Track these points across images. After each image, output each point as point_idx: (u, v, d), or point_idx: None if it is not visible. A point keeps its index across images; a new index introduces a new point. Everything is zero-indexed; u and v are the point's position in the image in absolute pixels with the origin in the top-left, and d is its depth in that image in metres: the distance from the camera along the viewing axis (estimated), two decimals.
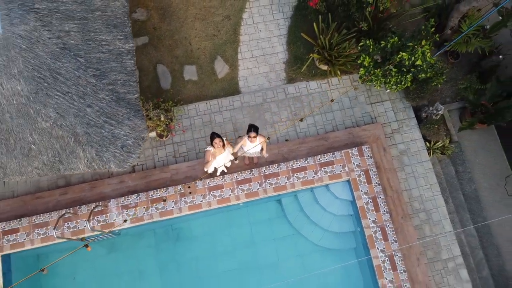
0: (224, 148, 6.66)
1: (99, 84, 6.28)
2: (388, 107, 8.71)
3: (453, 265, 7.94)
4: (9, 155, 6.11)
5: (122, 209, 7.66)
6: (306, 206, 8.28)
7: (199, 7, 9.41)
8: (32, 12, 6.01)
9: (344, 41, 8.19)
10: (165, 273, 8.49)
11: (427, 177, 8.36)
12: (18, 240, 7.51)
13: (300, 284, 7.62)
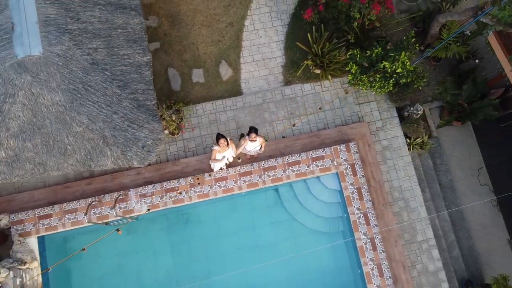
0: (228, 146, 7.88)
1: (123, 93, 7.46)
2: (374, 107, 9.88)
3: (426, 246, 9.26)
4: (48, 154, 7.35)
5: (140, 198, 8.95)
6: (300, 194, 9.55)
7: (205, 15, 10.48)
8: (66, 33, 7.15)
9: (334, 49, 9.31)
10: (176, 252, 9.81)
11: (407, 170, 9.60)
12: (52, 224, 8.82)
13: (294, 262, 8.96)
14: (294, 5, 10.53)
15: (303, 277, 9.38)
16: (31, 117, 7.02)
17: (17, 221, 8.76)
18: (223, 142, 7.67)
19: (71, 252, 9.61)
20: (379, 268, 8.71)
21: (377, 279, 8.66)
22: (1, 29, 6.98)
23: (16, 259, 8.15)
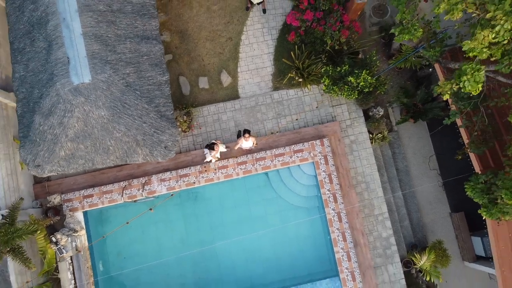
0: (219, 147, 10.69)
1: (149, 107, 10.11)
2: (344, 109, 12.56)
3: (381, 218, 12.19)
4: (95, 153, 10.08)
5: (161, 182, 11.78)
6: (285, 178, 12.40)
7: (209, 31, 12.95)
8: (107, 63, 9.72)
9: (312, 64, 11.88)
10: (187, 222, 12.74)
11: (368, 159, 12.39)
12: (93, 202, 11.69)
13: (279, 230, 11.93)
14: (282, 22, 12.97)
15: (286, 241, 12.38)
16: (83, 126, 9.71)
17: (67, 199, 11.63)
18: (215, 147, 10.51)
19: (106, 222, 12.65)
20: (343, 235, 11.67)
21: (342, 243, 11.64)
22: (60, 62, 9.54)
23: (70, 228, 11.07)
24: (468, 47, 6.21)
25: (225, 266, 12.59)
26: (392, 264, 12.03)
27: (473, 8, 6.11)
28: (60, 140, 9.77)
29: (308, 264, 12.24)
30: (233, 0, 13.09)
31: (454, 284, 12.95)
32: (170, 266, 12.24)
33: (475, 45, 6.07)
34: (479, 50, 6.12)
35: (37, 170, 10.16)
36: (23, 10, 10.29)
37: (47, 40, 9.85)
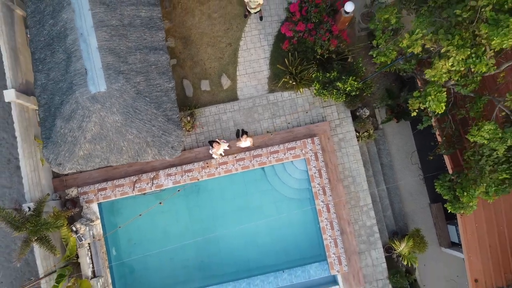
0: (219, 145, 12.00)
1: (158, 112, 11.41)
2: (334, 110, 13.86)
3: (366, 209, 13.62)
4: (110, 153, 11.42)
5: (167, 176, 13.16)
6: (279, 173, 13.78)
7: (210, 37, 14.14)
8: (120, 74, 10.98)
9: (304, 70, 13.13)
10: (191, 212, 14.16)
11: (355, 155, 13.74)
12: (107, 195, 13.09)
13: (274, 220, 13.36)
14: (277, 28, 14.15)
15: (280, 229, 13.83)
16: (99, 130, 11.03)
17: (83, 192, 13.03)
18: (216, 145, 11.85)
19: (117, 212, 14.06)
20: (331, 224, 13.12)
21: (330, 231, 13.10)
22: (79, 73, 10.80)
23: (87, 218, 12.50)
24: (429, 75, 7.49)
25: (225, 251, 14.06)
26: (375, 250, 13.51)
27: (430, 44, 7.36)
28: (79, 142, 11.10)
29: (299, 249, 13.74)
30: (232, 8, 14.24)
31: (432, 267, 14.44)
32: (175, 251, 13.66)
33: (435, 73, 7.33)
34: (439, 76, 7.39)
35: (58, 168, 11.52)
36: (43, 24, 11.50)
37: (66, 52, 11.09)
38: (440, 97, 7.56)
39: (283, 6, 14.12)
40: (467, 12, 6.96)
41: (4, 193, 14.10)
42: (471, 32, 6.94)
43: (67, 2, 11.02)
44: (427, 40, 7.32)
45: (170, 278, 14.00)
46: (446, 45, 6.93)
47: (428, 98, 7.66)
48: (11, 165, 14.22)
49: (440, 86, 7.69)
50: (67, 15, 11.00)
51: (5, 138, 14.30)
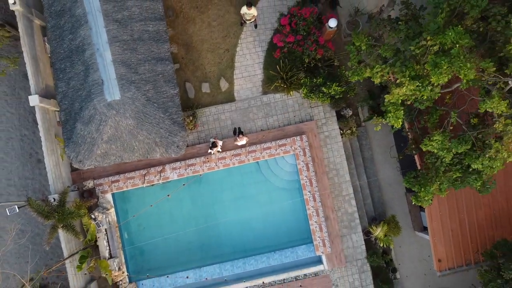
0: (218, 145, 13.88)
1: (165, 116, 13.23)
2: (320, 110, 15.68)
3: (348, 198, 15.60)
4: (123, 151, 13.29)
5: (173, 170, 15.08)
6: (272, 166, 15.72)
7: (210, 43, 15.83)
8: (132, 83, 12.75)
9: (294, 75, 14.89)
10: (194, 200, 16.13)
11: (339, 150, 15.64)
12: (120, 186, 15.03)
13: (267, 207, 15.38)
14: (271, 35, 15.83)
15: (272, 215, 15.84)
16: (114, 132, 12.87)
17: (98, 184, 14.97)
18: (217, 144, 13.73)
19: (127, 201, 16.01)
20: (317, 211, 15.12)
21: (315, 217, 15.11)
22: (96, 83, 12.58)
23: (103, 207, 14.48)
24: (388, 99, 9.32)
25: (224, 234, 16.10)
26: (355, 234, 15.57)
27: (387, 76, 9.15)
28: (97, 142, 12.96)
29: (289, 233, 15.80)
30: (230, 17, 15.88)
31: (407, 248, 16.50)
32: (180, 234, 15.69)
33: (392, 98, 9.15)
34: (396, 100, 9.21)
35: (79, 164, 13.42)
36: (63, 38, 13.21)
37: (84, 64, 12.84)
38: (398, 114, 9.39)
39: (275, 15, 15.76)
40: (419, 49, 8.72)
41: (27, 184, 16.04)
42: (422, 65, 8.71)
43: (85, 20, 12.71)
44: (385, 73, 9.10)
45: (175, 258, 16.07)
46: (400, 77, 8.71)
47: (389, 115, 9.50)
48: (32, 159, 16.12)
49: (399, 105, 9.53)
50: (85, 32, 12.71)
51: (27, 135, 16.15)
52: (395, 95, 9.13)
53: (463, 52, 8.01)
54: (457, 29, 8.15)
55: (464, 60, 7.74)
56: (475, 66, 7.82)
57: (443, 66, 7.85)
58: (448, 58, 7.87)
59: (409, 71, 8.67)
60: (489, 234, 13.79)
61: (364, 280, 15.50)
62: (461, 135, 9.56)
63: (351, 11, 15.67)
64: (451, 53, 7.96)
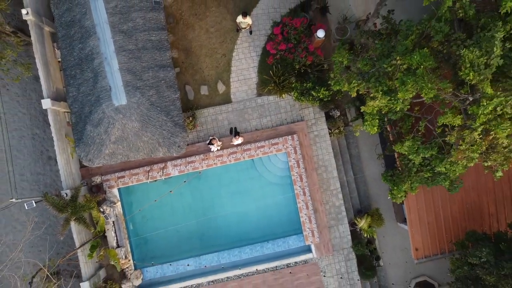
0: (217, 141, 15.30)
1: (167, 119, 14.61)
2: (310, 111, 17.08)
3: (335, 192, 17.10)
4: (129, 151, 14.71)
5: (174, 166, 16.52)
6: (265, 163, 17.18)
7: (208, 48, 17.14)
8: (137, 89, 14.10)
9: (285, 79, 16.25)
10: (193, 194, 17.62)
11: (327, 148, 17.08)
12: (125, 181, 16.48)
13: (261, 200, 16.89)
14: (265, 41, 17.15)
15: (266, 208, 17.35)
16: (121, 133, 14.27)
17: (106, 179, 16.41)
18: (214, 141, 15.13)
19: (131, 194, 17.46)
20: (306, 204, 16.62)
21: (305, 210, 16.62)
22: (104, 89, 13.93)
23: (110, 201, 15.95)
24: (363, 109, 10.72)
25: (222, 225, 17.62)
26: (342, 225, 17.11)
27: (363, 90, 10.54)
28: (105, 143, 14.37)
29: (281, 224, 17.35)
30: (227, 24, 17.17)
31: (390, 238, 18.06)
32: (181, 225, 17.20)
33: (367, 109, 10.57)
34: (371, 111, 10.62)
35: (89, 162, 14.85)
36: (73, 47, 14.51)
37: (93, 72, 14.18)
38: (373, 122, 10.81)
39: (269, 22, 17.06)
40: (391, 67, 10.08)
41: (39, 179, 17.48)
42: (394, 81, 10.09)
43: (93, 31, 14.01)
44: (361, 87, 10.48)
45: (176, 247, 17.61)
46: (374, 92, 10.09)
47: (365, 123, 10.91)
48: (43, 156, 17.54)
49: (375, 115, 10.94)
50: (93, 42, 14.02)
51: (38, 134, 17.54)
52: (369, 107, 10.54)
53: (427, 73, 9.37)
54: (423, 51, 9.52)
55: (426, 80, 9.10)
56: (435, 86, 9.19)
57: (409, 84, 9.22)
58: (413, 77, 9.24)
59: (382, 87, 10.06)
60: (462, 226, 15.32)
61: (350, 267, 17.09)
62: (429, 141, 10.98)
63: (339, 19, 16.97)
64: (416, 73, 9.34)
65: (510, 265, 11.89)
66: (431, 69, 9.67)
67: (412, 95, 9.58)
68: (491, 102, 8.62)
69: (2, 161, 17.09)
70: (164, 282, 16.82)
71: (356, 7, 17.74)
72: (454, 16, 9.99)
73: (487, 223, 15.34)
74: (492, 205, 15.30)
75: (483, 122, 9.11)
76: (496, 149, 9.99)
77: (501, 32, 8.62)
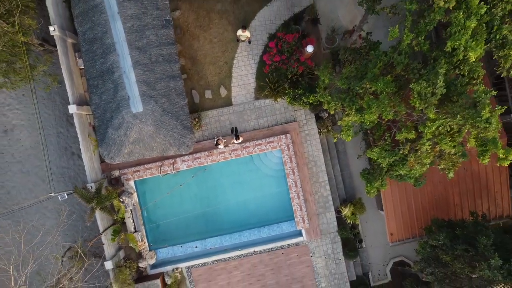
0: (222, 141, 17.98)
1: (177, 122, 17.24)
2: (302, 113, 19.69)
3: (323, 184, 19.86)
4: (145, 150, 17.39)
5: (183, 162, 19.26)
6: (262, 158, 19.92)
7: (211, 57, 19.66)
8: (151, 98, 16.70)
9: (280, 85, 18.82)
10: (199, 185, 20.42)
11: (317, 146, 19.76)
12: (140, 175, 19.25)
13: (258, 190, 19.69)
14: (262, 49, 19.63)
15: (263, 197, 20.17)
16: (138, 136, 16.94)
17: (123, 173, 19.19)
18: (220, 141, 17.80)
19: (145, 185, 20.26)
20: (298, 195, 19.41)
21: (297, 199, 19.43)
22: (123, 98, 16.54)
23: (128, 192, 18.76)
24: (340, 123, 13.37)
25: (224, 212, 20.47)
26: (329, 212, 19.93)
27: (339, 109, 13.16)
28: (124, 144, 17.06)
29: (275, 212, 20.21)
30: (228, 35, 19.64)
31: (371, 224, 20.90)
32: (188, 211, 20.03)
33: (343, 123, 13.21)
34: (346, 124, 13.25)
35: (110, 160, 17.57)
36: (95, 61, 17.06)
37: (113, 83, 16.76)
38: (348, 133, 13.47)
39: (266, 33, 19.52)
40: (362, 89, 12.66)
41: (64, 172, 20.26)
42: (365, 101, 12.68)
43: (113, 48, 16.54)
44: (337, 106, 13.09)
45: (184, 230, 20.52)
46: (348, 110, 12.70)
47: (342, 133, 13.58)
48: (67, 152, 20.28)
49: (350, 127, 13.58)
50: (114, 58, 16.57)
51: (62, 132, 20.24)
52: (345, 121, 13.18)
53: (388, 97, 11.96)
54: (386, 79, 12.09)
55: (386, 104, 11.70)
56: (393, 109, 11.78)
57: (373, 108, 11.82)
58: (376, 102, 11.82)
59: (355, 105, 12.66)
60: (431, 214, 18.12)
61: (335, 249, 19.99)
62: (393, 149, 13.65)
63: (328, 30, 19.42)
64: (379, 98, 11.93)
65: (461, 247, 14.71)
66: (393, 92, 12.26)
67: (376, 115, 12.20)
68: (434, 123, 11.25)
69: (31, 156, 19.88)
70: (174, 261, 19.81)
71: (344, 17, 20.16)
72: (412, 49, 12.52)
73: (452, 212, 18.12)
74: (457, 197, 18.06)
75: (429, 138, 11.74)
76: (444, 156, 12.66)
77: (443, 68, 11.18)
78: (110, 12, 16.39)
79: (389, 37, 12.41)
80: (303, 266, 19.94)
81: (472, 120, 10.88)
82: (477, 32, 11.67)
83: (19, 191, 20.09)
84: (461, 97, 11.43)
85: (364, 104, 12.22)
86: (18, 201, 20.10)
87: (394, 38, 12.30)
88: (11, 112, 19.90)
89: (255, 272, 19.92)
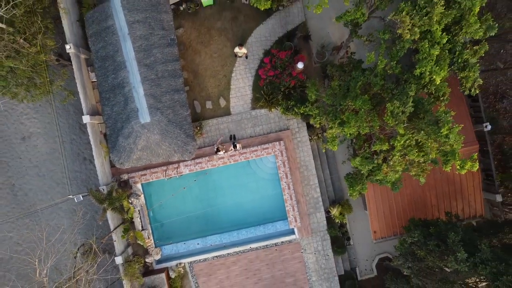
0: (222, 149, 19.99)
1: (180, 131, 19.24)
2: (294, 122, 21.72)
3: (314, 186, 21.89)
4: (152, 156, 19.40)
5: (185, 166, 21.28)
6: (258, 162, 21.96)
7: (212, 70, 21.67)
8: (158, 110, 18.70)
9: (274, 97, 20.83)
10: (200, 188, 22.45)
11: (308, 151, 21.79)
12: (147, 178, 21.27)
13: (254, 192, 21.72)
14: (258, 64, 21.63)
15: (259, 198, 22.20)
16: (145, 143, 18.95)
17: (131, 176, 21.20)
18: (221, 148, 19.80)
19: (152, 188, 22.30)
20: (290, 196, 21.44)
21: (290, 201, 21.46)
22: (133, 110, 18.54)
23: (136, 194, 20.78)
24: (326, 135, 15.36)
25: (223, 212, 22.51)
26: (319, 212, 21.97)
27: (324, 122, 15.19)
28: (133, 151, 19.07)
29: (270, 212, 22.27)
30: (227, 50, 21.65)
31: (359, 223, 22.92)
32: (189, 211, 22.07)
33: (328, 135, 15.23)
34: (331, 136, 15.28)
35: (120, 165, 19.59)
36: (107, 76, 19.06)
37: (124, 96, 18.77)
38: (333, 143, 15.50)
39: (262, 49, 21.53)
40: (345, 106, 14.68)
41: (76, 176, 22.28)
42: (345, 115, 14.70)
43: (124, 65, 18.53)
44: (322, 120, 15.12)
45: (186, 229, 22.58)
46: (331, 124, 14.73)
47: (328, 144, 15.60)
48: (80, 157, 22.30)
49: (335, 138, 15.60)
50: (124, 74, 18.57)
51: (75, 139, 22.25)
52: (329, 134, 15.22)
53: (366, 113, 13.98)
54: (363, 97, 14.11)
55: (363, 119, 13.72)
56: (369, 124, 13.80)
57: (351, 122, 13.84)
58: (355, 117, 13.84)
59: (338, 120, 14.69)
60: (410, 214, 20.16)
61: (325, 246, 22.04)
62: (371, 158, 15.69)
63: (318, 47, 21.43)
64: (358, 114, 13.94)
65: (433, 242, 16.75)
66: (369, 109, 14.29)
67: (355, 129, 14.24)
68: (402, 137, 13.29)
69: (46, 161, 21.91)
70: (177, 257, 21.86)
71: (333, 34, 22.16)
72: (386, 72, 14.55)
73: (430, 212, 20.18)
74: (434, 198, 20.11)
75: (399, 150, 13.78)
76: (413, 164, 14.70)
77: (412, 90, 13.22)
78: (121, 33, 18.39)
79: (366, 61, 14.42)
80: (295, 262, 21.99)
81: (434, 135, 12.91)
82: (441, 58, 13.69)
83: (35, 193, 22.09)
84: (427, 114, 13.46)
85: (345, 118, 14.25)
86: (35, 202, 22.13)
87: (371, 62, 14.32)
88: (28, 121, 21.90)
89: (252, 267, 21.97)
